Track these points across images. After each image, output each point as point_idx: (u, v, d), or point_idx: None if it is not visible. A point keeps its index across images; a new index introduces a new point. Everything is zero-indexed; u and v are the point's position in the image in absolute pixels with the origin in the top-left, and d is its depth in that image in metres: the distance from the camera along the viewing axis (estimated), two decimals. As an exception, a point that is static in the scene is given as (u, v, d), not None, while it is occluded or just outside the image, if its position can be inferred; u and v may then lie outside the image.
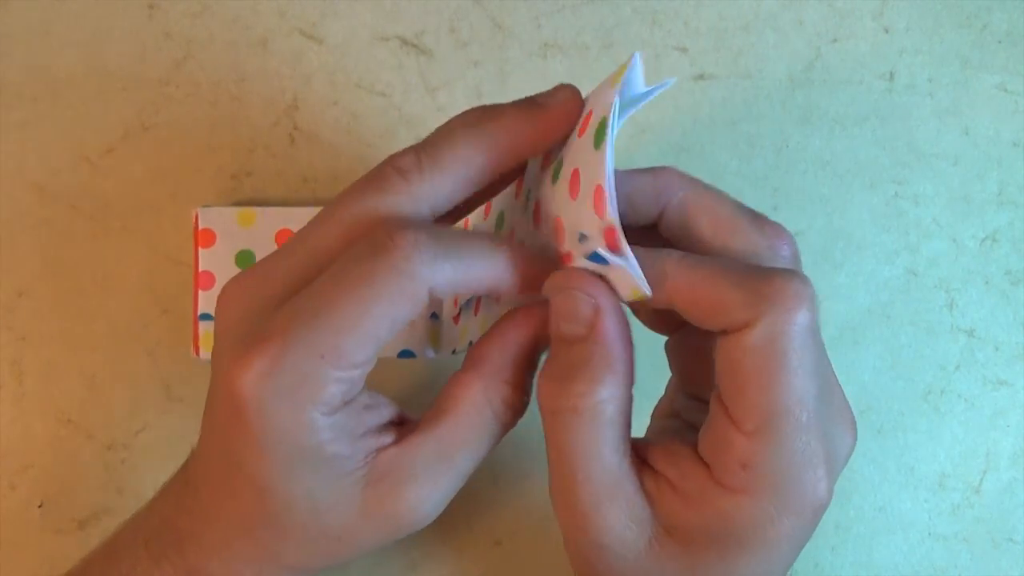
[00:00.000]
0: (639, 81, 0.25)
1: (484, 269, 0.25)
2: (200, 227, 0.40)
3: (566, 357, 0.25)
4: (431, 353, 0.40)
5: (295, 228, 0.39)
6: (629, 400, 0.26)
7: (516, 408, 0.27)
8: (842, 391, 0.27)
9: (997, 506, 0.43)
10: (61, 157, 0.42)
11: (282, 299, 0.25)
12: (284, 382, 0.24)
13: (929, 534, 0.42)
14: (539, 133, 0.26)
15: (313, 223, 0.27)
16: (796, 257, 0.27)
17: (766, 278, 0.24)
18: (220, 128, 0.42)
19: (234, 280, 0.27)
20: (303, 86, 0.43)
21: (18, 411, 0.41)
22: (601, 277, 0.25)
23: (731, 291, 0.24)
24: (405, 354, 0.40)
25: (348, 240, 0.25)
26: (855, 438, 0.26)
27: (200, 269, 0.40)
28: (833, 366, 0.27)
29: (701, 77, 0.43)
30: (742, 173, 0.43)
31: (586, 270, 0.25)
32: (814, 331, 0.24)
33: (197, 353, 0.40)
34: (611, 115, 0.23)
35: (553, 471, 0.26)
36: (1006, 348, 0.43)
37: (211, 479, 0.28)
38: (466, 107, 0.32)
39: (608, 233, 0.24)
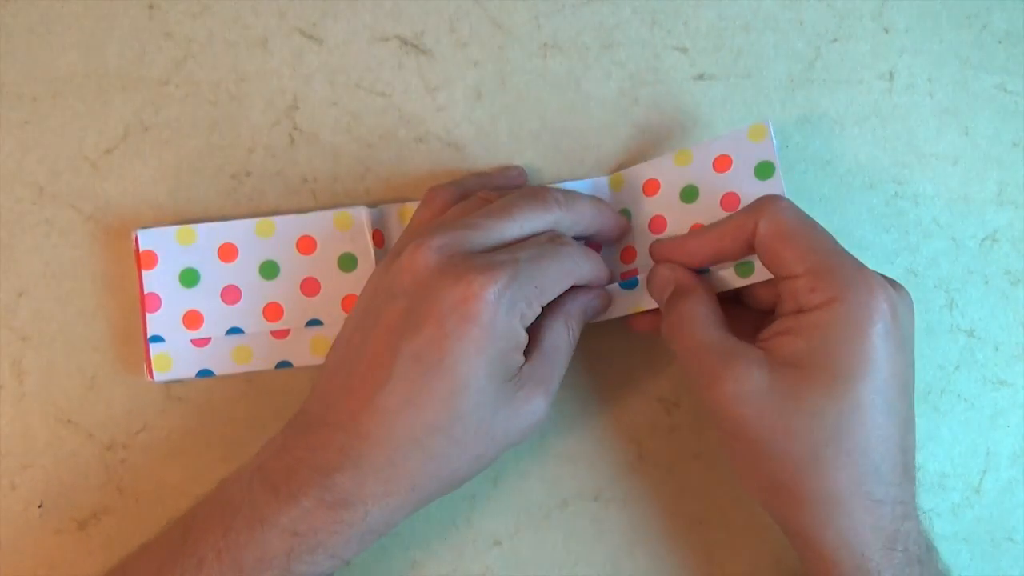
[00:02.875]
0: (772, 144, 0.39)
1: (597, 269, 0.39)
2: (141, 249, 0.40)
3: (670, 307, 0.38)
4: None
5: (237, 243, 0.40)
6: (712, 304, 0.38)
7: (578, 331, 0.39)
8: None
9: (997, 506, 0.43)
10: (61, 157, 0.42)
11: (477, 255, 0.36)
12: (511, 297, 0.35)
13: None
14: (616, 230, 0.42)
15: (491, 217, 0.37)
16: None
17: (754, 206, 0.37)
18: (220, 128, 0.42)
19: (431, 239, 0.36)
20: (303, 86, 0.43)
21: (18, 411, 0.41)
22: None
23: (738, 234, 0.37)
24: None
25: (523, 232, 0.37)
26: (904, 289, 0.37)
27: (145, 292, 0.40)
28: None
29: (701, 77, 0.43)
30: (742, 173, 0.43)
31: (660, 265, 0.39)
32: (796, 211, 0.36)
33: (151, 376, 0.40)
34: (775, 160, 0.39)
35: (690, 370, 0.37)
36: (1006, 348, 0.43)
37: (383, 408, 0.35)
38: (466, 107, 0.43)
39: None
